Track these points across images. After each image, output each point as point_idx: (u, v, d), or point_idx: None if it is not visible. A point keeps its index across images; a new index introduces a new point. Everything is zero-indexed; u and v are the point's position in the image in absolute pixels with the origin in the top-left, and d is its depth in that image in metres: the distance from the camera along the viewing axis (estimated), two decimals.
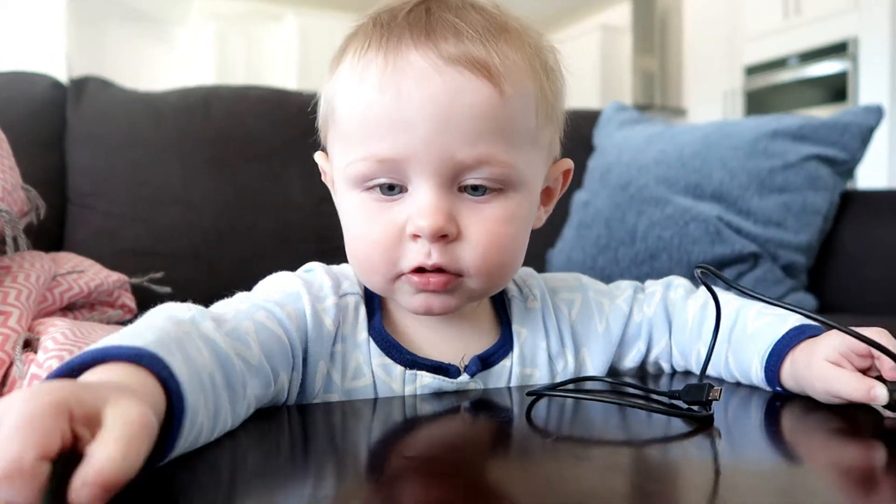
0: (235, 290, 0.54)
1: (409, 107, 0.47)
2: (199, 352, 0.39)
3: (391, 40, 0.48)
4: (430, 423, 0.50)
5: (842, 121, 1.38)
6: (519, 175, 0.50)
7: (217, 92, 1.44)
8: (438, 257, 0.49)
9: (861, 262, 1.35)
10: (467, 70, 0.47)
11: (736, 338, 0.58)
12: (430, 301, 0.51)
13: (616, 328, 0.62)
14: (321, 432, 0.47)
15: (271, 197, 1.36)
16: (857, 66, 3.94)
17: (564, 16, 6.15)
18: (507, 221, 0.50)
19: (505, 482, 0.35)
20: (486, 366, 0.57)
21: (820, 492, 0.35)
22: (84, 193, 1.27)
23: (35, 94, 1.29)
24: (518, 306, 0.61)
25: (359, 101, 0.49)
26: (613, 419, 0.48)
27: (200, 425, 0.36)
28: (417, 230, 0.48)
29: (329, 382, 0.53)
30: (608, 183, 1.48)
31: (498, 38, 0.49)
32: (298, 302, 0.53)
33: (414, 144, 0.47)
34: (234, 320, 0.47)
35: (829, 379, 0.47)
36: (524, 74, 0.50)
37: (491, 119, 0.48)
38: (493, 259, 0.50)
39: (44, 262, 0.81)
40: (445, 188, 0.49)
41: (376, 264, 0.51)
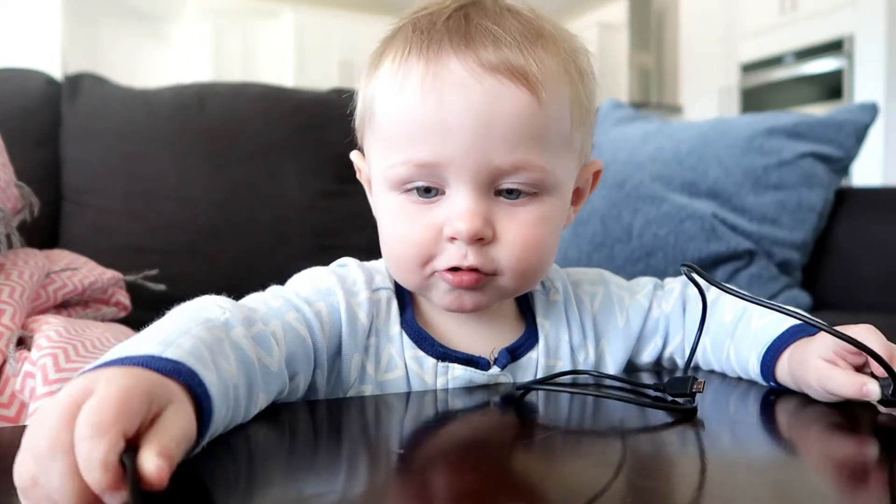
0: (231, 286, 0.54)
1: (450, 114, 0.48)
2: (227, 361, 0.40)
3: (432, 47, 0.49)
4: (422, 418, 0.50)
5: (837, 118, 1.39)
6: (554, 179, 0.52)
7: (212, 89, 1.44)
8: (474, 259, 0.50)
9: (855, 259, 1.36)
10: (506, 78, 0.48)
11: (740, 333, 0.59)
12: (462, 298, 0.53)
13: (636, 323, 0.64)
14: (333, 427, 0.47)
15: (268, 193, 1.36)
16: (853, 64, 3.94)
17: (561, 13, 6.14)
18: (540, 224, 0.52)
19: (498, 479, 0.35)
20: (514, 358, 0.58)
21: (813, 486, 0.35)
22: (79, 190, 1.27)
23: (29, 90, 1.28)
24: (541, 300, 0.62)
25: (399, 106, 0.50)
26: (600, 412, 0.49)
27: (214, 432, 0.38)
28: (455, 233, 0.50)
29: (363, 374, 0.55)
30: (604, 180, 1.47)
31: (535, 44, 0.50)
32: (332, 297, 0.55)
33: (453, 150, 0.49)
34: (263, 320, 0.48)
35: (823, 376, 0.48)
36: (560, 80, 0.51)
37: (529, 126, 0.49)
38: (527, 260, 0.52)
39: (37, 260, 0.81)
40: (482, 192, 0.50)
41: (413, 264, 0.52)
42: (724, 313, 0.61)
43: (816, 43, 4.16)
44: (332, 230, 1.34)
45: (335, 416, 0.49)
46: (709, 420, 0.46)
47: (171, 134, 1.33)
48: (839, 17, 4.01)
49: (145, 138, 1.32)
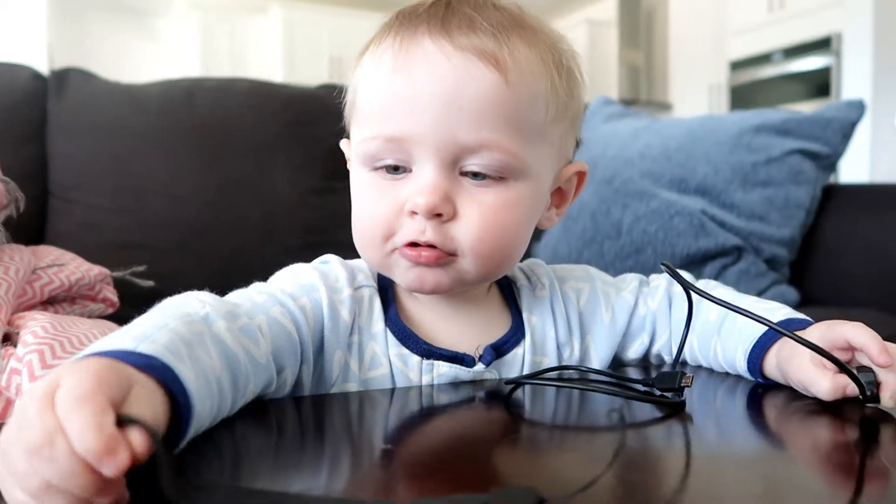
0: (220, 282, 0.54)
1: (418, 88, 0.49)
2: (208, 355, 0.40)
3: (409, 29, 0.51)
4: (410, 413, 0.50)
5: (824, 116, 1.40)
6: (522, 165, 0.51)
7: (201, 84, 1.43)
8: (432, 235, 0.50)
9: (842, 255, 1.37)
10: (475, 57, 0.49)
11: (726, 331, 0.59)
12: (422, 276, 0.52)
13: (621, 319, 0.64)
14: (319, 423, 0.47)
15: (257, 189, 1.36)
16: (841, 62, 3.97)
17: (551, 10, 6.15)
18: (504, 209, 0.52)
19: (486, 474, 0.35)
20: (500, 354, 0.58)
21: (800, 479, 0.35)
22: (66, 186, 1.26)
23: (16, 85, 1.27)
24: (527, 295, 0.62)
25: (375, 84, 0.52)
26: (589, 407, 0.49)
27: (201, 426, 0.38)
28: (414, 206, 0.50)
29: (347, 371, 0.55)
30: (594, 177, 1.48)
31: (511, 32, 0.51)
32: (315, 293, 0.54)
33: (419, 125, 0.49)
34: (248, 314, 0.48)
35: (806, 380, 0.49)
36: (535, 69, 0.51)
37: (496, 106, 0.49)
38: (488, 241, 0.51)
39: (23, 256, 0.80)
40: (446, 170, 0.50)
41: (375, 239, 0.52)
42: (709, 311, 0.62)
43: (804, 41, 4.19)
44: (322, 226, 1.33)
45: (322, 412, 0.49)
46: (697, 414, 0.47)
47: (160, 129, 1.32)
48: (827, 15, 4.03)
49: (133, 134, 1.31)
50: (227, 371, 0.41)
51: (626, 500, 0.31)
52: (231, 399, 0.42)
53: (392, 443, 0.42)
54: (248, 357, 0.45)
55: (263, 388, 0.48)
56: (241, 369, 0.43)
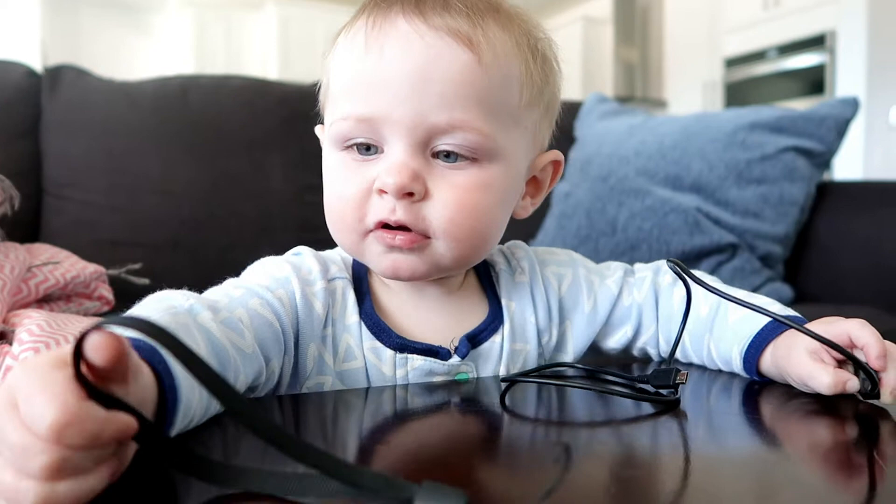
0: (215, 280, 0.54)
1: (389, 67, 0.48)
2: (195, 343, 0.40)
3: (382, 9, 0.50)
4: (406, 410, 0.50)
5: (818, 113, 1.40)
6: (496, 146, 0.51)
7: (195, 81, 1.42)
8: (403, 214, 0.49)
9: (836, 252, 1.37)
10: (449, 37, 0.48)
11: (718, 328, 0.59)
12: (397, 262, 0.52)
13: (603, 309, 0.63)
14: (307, 423, 0.47)
15: (251, 186, 1.35)
16: (835, 59, 3.98)
17: (546, 7, 6.14)
18: (477, 190, 0.51)
19: (480, 471, 0.36)
20: (476, 344, 0.57)
21: (795, 475, 0.36)
22: (60, 183, 1.25)
23: (9, 82, 1.27)
24: (506, 279, 0.61)
25: (347, 64, 0.51)
26: (583, 404, 0.49)
27: (193, 414, 0.37)
28: (383, 185, 0.49)
29: (322, 364, 0.54)
30: (589, 174, 1.48)
31: (485, 14, 0.50)
32: (288, 286, 0.54)
33: (390, 104, 0.49)
34: (227, 308, 0.48)
35: (806, 374, 0.49)
36: (509, 52, 0.51)
37: (468, 86, 0.49)
38: (462, 223, 0.50)
39: (18, 254, 0.80)
40: (418, 150, 0.50)
41: (347, 220, 0.52)
42: (699, 308, 0.61)
43: (799, 38, 4.19)
44: (316, 223, 1.32)
45: (313, 410, 0.49)
46: (691, 411, 0.47)
47: (154, 127, 1.32)
48: (821, 12, 4.04)
49: (127, 131, 1.30)
50: (214, 360, 0.41)
51: (620, 497, 0.31)
52: None
53: (387, 440, 0.42)
54: (234, 348, 0.45)
55: (254, 380, 0.48)
56: (230, 359, 0.43)
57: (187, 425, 0.37)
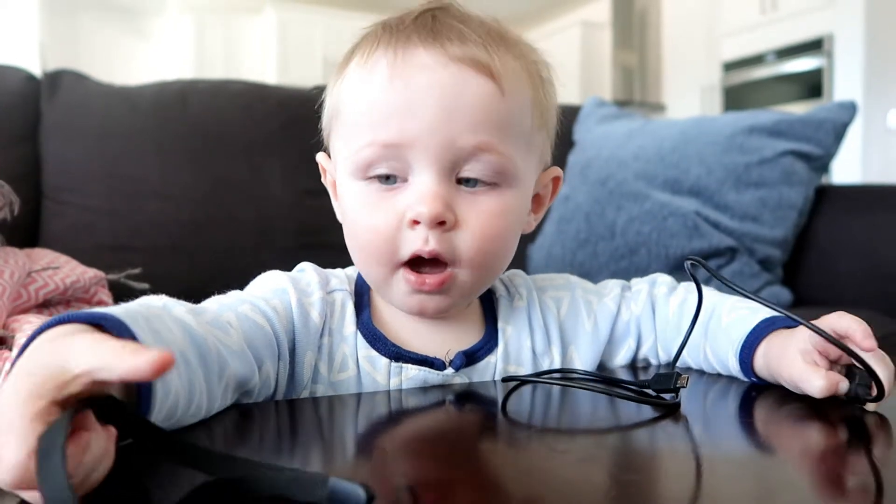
0: (214, 284, 0.55)
1: (416, 96, 0.49)
2: (169, 330, 0.40)
3: (400, 40, 0.51)
4: (408, 415, 0.50)
5: (817, 117, 1.40)
6: (515, 169, 0.52)
7: (194, 86, 1.42)
8: (436, 244, 0.50)
9: (835, 256, 1.37)
10: (470, 68, 0.49)
11: (712, 332, 0.59)
12: (423, 302, 0.53)
13: (604, 327, 0.64)
14: (304, 425, 0.47)
15: (251, 190, 1.35)
16: (833, 63, 3.99)
17: (544, 11, 6.16)
18: (501, 215, 0.52)
19: (482, 475, 0.36)
20: (471, 361, 0.57)
21: (793, 478, 0.36)
22: (59, 188, 1.25)
23: (8, 87, 1.27)
24: (505, 305, 0.62)
25: (366, 93, 0.51)
26: (584, 408, 0.49)
27: (176, 398, 0.37)
28: (417, 216, 0.49)
29: (316, 374, 0.55)
30: (588, 178, 1.49)
31: (499, 44, 0.52)
32: (285, 296, 0.54)
33: (418, 130, 0.49)
34: (214, 312, 0.48)
35: (797, 376, 0.49)
36: (521, 79, 0.53)
37: (492, 112, 0.50)
38: (488, 249, 0.52)
39: (18, 259, 0.80)
40: (444, 177, 0.50)
41: (377, 253, 0.52)
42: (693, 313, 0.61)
43: (796, 42, 4.20)
44: (315, 228, 1.33)
45: (313, 412, 0.49)
46: (692, 415, 0.47)
47: (153, 131, 1.32)
48: (819, 16, 4.05)
49: (127, 136, 1.30)
50: (192, 347, 0.41)
51: (621, 500, 0.31)
52: (204, 379, 0.41)
53: (386, 442, 0.42)
54: (218, 342, 0.45)
55: (247, 376, 0.48)
56: (210, 351, 0.43)
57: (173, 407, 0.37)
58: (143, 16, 5.74)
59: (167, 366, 0.28)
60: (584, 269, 1.39)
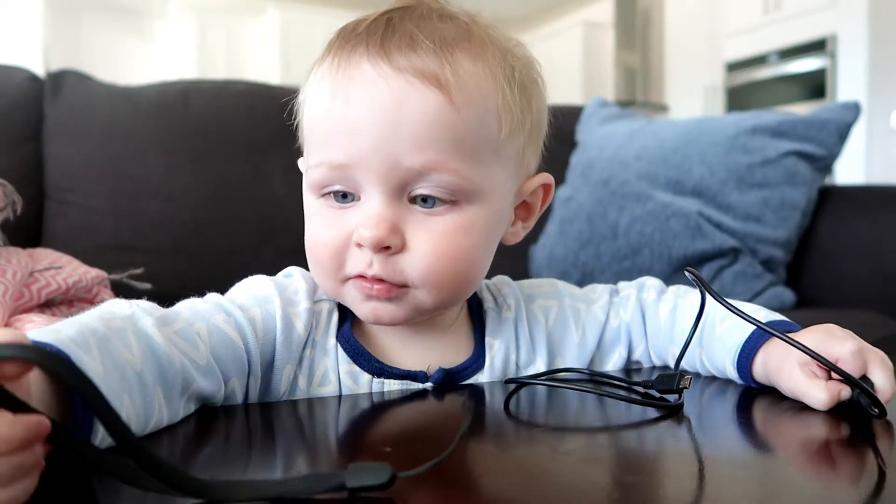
0: (215, 284, 0.54)
1: (356, 113, 0.47)
2: (128, 349, 0.40)
3: (346, 50, 0.49)
4: (406, 416, 0.50)
5: (820, 117, 1.40)
6: (474, 186, 0.49)
7: (197, 86, 1.43)
8: (379, 268, 0.49)
9: (839, 256, 1.37)
10: (415, 79, 0.47)
11: (706, 340, 0.59)
12: (377, 310, 0.51)
13: (592, 337, 0.62)
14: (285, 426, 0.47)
15: (252, 190, 1.36)
16: (836, 63, 3.99)
17: (547, 12, 6.16)
18: (458, 234, 0.50)
19: (485, 476, 0.35)
20: (458, 379, 0.56)
21: (796, 479, 0.36)
22: (62, 188, 1.26)
23: (11, 87, 1.27)
24: (493, 317, 0.60)
25: (315, 108, 0.51)
26: (587, 409, 0.49)
27: (127, 419, 0.37)
28: (360, 239, 0.48)
29: (294, 387, 0.53)
30: (590, 178, 1.48)
31: (454, 48, 0.48)
32: (269, 305, 0.53)
33: (362, 150, 0.47)
34: (186, 320, 0.47)
35: (798, 390, 0.48)
36: (484, 85, 0.49)
37: (440, 126, 0.47)
38: (441, 270, 0.49)
39: (21, 258, 0.80)
40: (394, 198, 0.49)
41: (326, 267, 0.51)
42: (685, 321, 0.60)
43: (800, 42, 4.20)
44: None
45: (321, 411, 0.49)
46: (695, 416, 0.47)
47: (156, 131, 1.32)
48: (822, 16, 4.05)
49: (129, 136, 1.31)
50: (152, 365, 0.41)
51: (623, 502, 0.31)
52: (164, 396, 0.41)
53: (389, 443, 0.42)
54: (184, 357, 0.44)
55: (213, 392, 0.47)
56: (174, 365, 0.43)
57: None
58: (145, 16, 5.75)
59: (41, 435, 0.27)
60: (586, 270, 1.39)
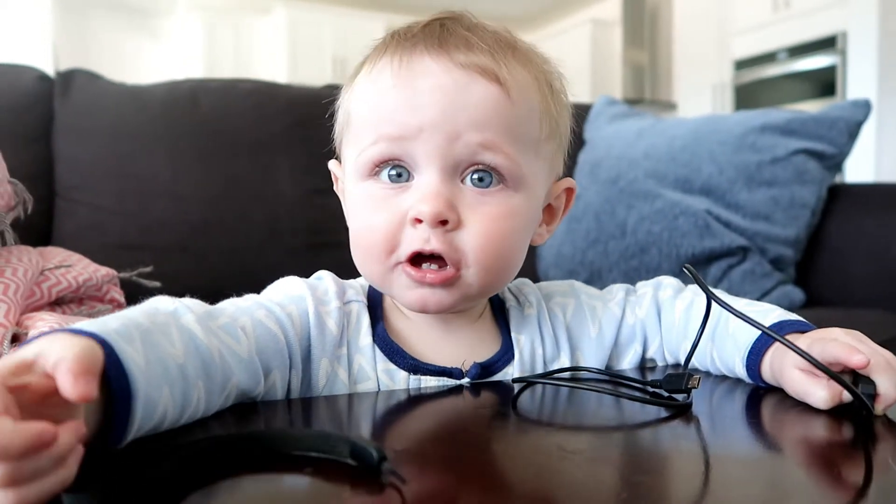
0: (223, 282, 0.55)
1: (421, 96, 0.49)
2: (170, 343, 0.41)
3: (405, 48, 0.51)
4: (418, 415, 0.50)
5: (830, 115, 1.39)
6: (522, 173, 0.52)
7: (205, 85, 1.43)
8: (437, 243, 0.49)
9: (848, 255, 1.36)
10: (476, 74, 0.49)
11: (719, 336, 0.59)
12: (425, 296, 0.52)
13: (609, 332, 0.63)
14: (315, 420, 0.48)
15: (260, 189, 1.36)
16: (846, 61, 3.96)
17: (555, 9, 6.14)
18: (507, 218, 0.52)
19: (493, 475, 0.36)
20: (489, 374, 0.57)
21: (805, 479, 0.35)
22: (71, 187, 1.26)
23: (21, 86, 1.27)
24: (516, 314, 0.62)
25: (372, 97, 0.52)
26: (595, 408, 0.49)
27: (163, 413, 0.38)
28: (418, 214, 0.49)
29: (335, 380, 0.55)
30: (598, 177, 1.48)
31: (507, 52, 0.52)
32: (302, 303, 0.54)
33: (423, 123, 0.49)
34: (230, 316, 0.49)
35: (799, 389, 0.49)
36: (530, 87, 0.53)
37: (499, 114, 0.50)
38: (492, 251, 0.51)
39: (31, 257, 0.81)
40: (449, 175, 0.50)
41: (377, 251, 0.51)
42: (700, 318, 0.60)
43: (809, 40, 4.17)
44: (325, 227, 1.33)
45: (320, 408, 0.49)
46: (703, 415, 0.47)
47: (164, 130, 1.32)
48: (832, 13, 4.02)
49: (138, 135, 1.31)
50: (195, 359, 0.42)
51: (632, 502, 0.31)
52: (205, 388, 0.42)
53: (398, 443, 0.42)
54: (226, 350, 0.45)
55: (251, 386, 0.48)
56: (215, 360, 0.44)
57: (158, 424, 0.38)
58: (154, 16, 5.78)
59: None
60: (594, 268, 1.39)
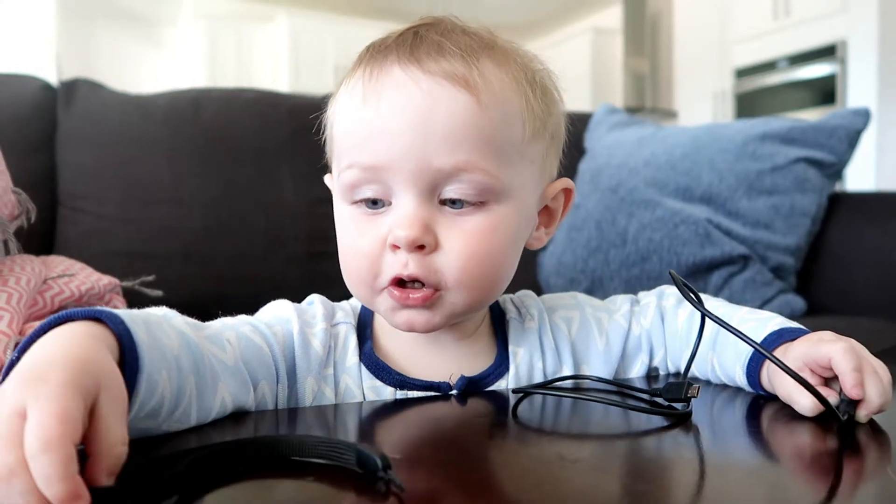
0: (225, 290, 0.55)
1: (388, 115, 0.49)
2: (166, 336, 0.42)
3: (378, 59, 0.51)
4: (417, 423, 0.50)
5: (830, 123, 1.40)
6: (502, 186, 0.51)
7: (208, 94, 1.44)
8: (415, 268, 0.49)
9: (849, 263, 1.36)
10: (445, 81, 0.49)
11: (720, 344, 0.59)
12: (412, 317, 0.52)
13: (616, 344, 0.63)
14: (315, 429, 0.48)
15: (262, 198, 1.36)
16: (846, 69, 3.97)
17: (556, 18, 6.16)
18: (487, 234, 0.51)
19: (493, 484, 0.36)
20: (481, 386, 0.57)
21: (804, 488, 0.35)
22: (74, 195, 1.27)
23: (25, 96, 1.28)
24: (516, 327, 0.61)
25: (347, 115, 0.52)
26: (595, 417, 0.49)
27: (162, 395, 0.39)
28: (395, 240, 0.49)
29: (322, 398, 0.55)
30: (599, 185, 1.48)
31: (480, 54, 0.51)
32: (287, 325, 0.55)
33: (393, 152, 0.49)
34: (216, 329, 0.50)
35: (786, 395, 0.49)
36: (507, 87, 0.51)
37: (470, 127, 0.49)
38: (474, 271, 0.51)
39: (34, 266, 0.81)
40: (425, 199, 0.50)
41: (362, 275, 0.52)
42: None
43: (809, 48, 4.18)
44: (327, 235, 1.33)
45: (324, 419, 0.49)
46: (703, 424, 0.47)
47: (167, 139, 1.33)
48: (832, 22, 4.03)
49: (141, 144, 1.32)
50: (187, 354, 0.43)
51: None
52: (196, 385, 0.43)
53: (398, 451, 0.42)
54: (214, 357, 0.46)
55: (241, 395, 0.49)
56: (205, 359, 0.45)
57: (157, 407, 0.39)
58: (156, 25, 5.80)
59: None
60: (595, 277, 1.39)
